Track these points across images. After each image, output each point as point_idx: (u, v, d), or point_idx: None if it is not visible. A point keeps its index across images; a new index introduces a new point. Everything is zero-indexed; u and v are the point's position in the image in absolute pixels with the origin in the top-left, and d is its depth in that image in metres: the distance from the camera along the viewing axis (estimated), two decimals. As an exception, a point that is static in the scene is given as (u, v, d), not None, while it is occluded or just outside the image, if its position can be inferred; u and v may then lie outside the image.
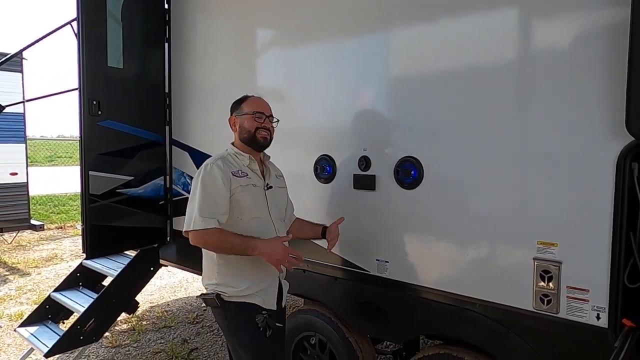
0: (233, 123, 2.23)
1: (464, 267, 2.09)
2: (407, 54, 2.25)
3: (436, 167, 2.15)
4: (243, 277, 2.08)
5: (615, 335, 1.68)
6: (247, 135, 2.17)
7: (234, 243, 1.98)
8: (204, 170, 2.07)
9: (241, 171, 2.13)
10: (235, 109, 2.24)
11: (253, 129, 2.17)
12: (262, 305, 2.10)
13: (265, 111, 2.22)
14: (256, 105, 2.21)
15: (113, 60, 3.36)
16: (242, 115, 2.19)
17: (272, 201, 2.20)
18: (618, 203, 1.69)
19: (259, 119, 2.18)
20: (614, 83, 1.66)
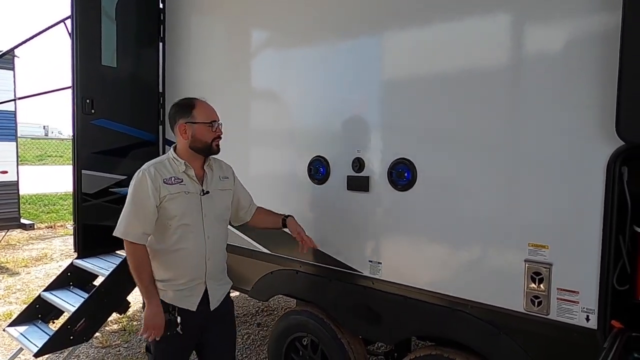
0: (183, 131, 2.15)
1: (456, 268, 2.11)
2: (400, 56, 2.26)
3: (429, 169, 2.17)
4: (165, 274, 2.15)
5: (605, 337, 1.70)
6: (202, 145, 2.16)
7: (141, 278, 2.10)
8: (136, 177, 2.11)
9: (175, 177, 2.13)
10: (182, 115, 2.16)
11: (210, 139, 2.16)
12: (177, 304, 2.14)
13: (217, 118, 2.21)
14: (210, 112, 2.19)
15: (107, 59, 3.36)
16: (196, 124, 2.14)
17: (209, 206, 2.20)
18: (608, 206, 1.71)
19: (214, 128, 2.17)
20: (604, 88, 1.68)
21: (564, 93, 1.80)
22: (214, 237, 2.22)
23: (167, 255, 2.14)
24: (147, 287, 2.11)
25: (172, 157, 2.18)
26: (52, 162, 19.35)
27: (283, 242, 2.78)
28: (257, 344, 4.00)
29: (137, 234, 2.08)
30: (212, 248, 2.21)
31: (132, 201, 2.09)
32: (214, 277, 2.25)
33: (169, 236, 2.13)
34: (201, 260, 2.18)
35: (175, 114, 2.18)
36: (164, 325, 2.10)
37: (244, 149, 3.04)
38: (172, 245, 2.13)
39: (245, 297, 5.10)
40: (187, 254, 2.14)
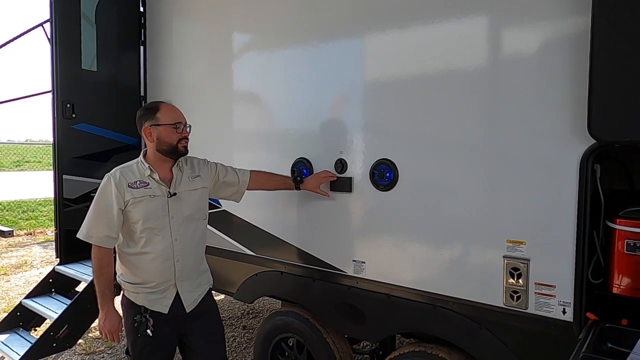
0: (149, 134, 2.16)
1: (438, 266, 2.16)
2: (381, 58, 2.31)
3: (410, 169, 2.21)
4: (134, 277, 2.18)
5: (580, 328, 1.77)
6: (168, 147, 2.17)
7: (99, 281, 2.15)
8: (102, 182, 2.15)
9: (140, 182, 2.15)
10: (147, 118, 2.17)
11: (175, 140, 2.17)
12: (148, 307, 2.17)
13: (182, 120, 2.22)
14: (174, 114, 2.20)
15: (87, 63, 3.34)
16: (160, 126, 2.15)
17: (176, 208, 2.20)
18: (582, 203, 1.77)
19: (179, 129, 2.18)
20: (576, 89, 1.75)
21: (538, 94, 1.86)
22: (184, 238, 2.22)
23: (135, 258, 2.17)
24: (103, 290, 2.15)
25: (140, 162, 2.20)
26: (31, 167, 18.98)
27: (267, 243, 2.80)
28: (243, 346, 4.00)
29: (99, 237, 2.11)
30: (182, 250, 2.21)
31: (96, 205, 2.13)
32: (186, 279, 2.25)
33: (136, 240, 2.16)
34: (169, 263, 2.18)
35: (140, 118, 2.20)
36: (118, 328, 2.17)
37: (227, 151, 3.05)
38: (139, 249, 2.15)
39: (230, 300, 5.09)
40: (154, 257, 2.15)
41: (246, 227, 2.90)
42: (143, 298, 2.17)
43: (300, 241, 2.66)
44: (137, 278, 2.17)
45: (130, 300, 2.20)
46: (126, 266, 2.19)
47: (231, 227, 3.00)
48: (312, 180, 2.46)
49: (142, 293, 2.17)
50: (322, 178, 2.44)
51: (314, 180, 2.46)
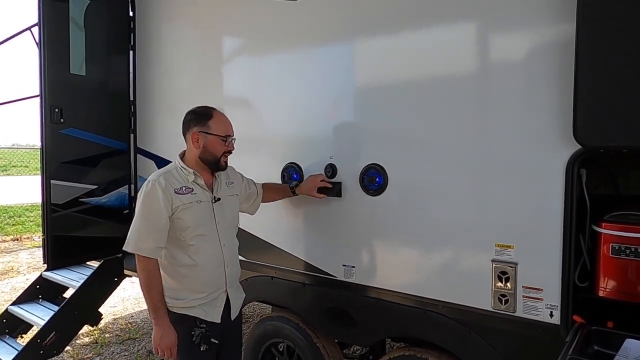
0: (196, 140, 2.11)
1: (427, 270, 2.17)
2: (370, 64, 2.32)
3: (400, 174, 2.23)
4: (185, 289, 2.08)
5: (567, 331, 1.79)
6: (212, 158, 2.13)
7: (150, 295, 2.04)
8: (146, 188, 2.04)
9: (185, 187, 2.08)
10: (198, 123, 2.12)
11: (220, 153, 2.13)
12: (204, 317, 2.10)
13: (232, 133, 2.18)
14: (226, 126, 2.16)
15: (76, 67, 3.32)
16: (210, 135, 2.11)
17: (221, 213, 2.18)
18: (568, 207, 1.80)
19: (227, 142, 2.14)
20: (562, 95, 1.77)
21: (525, 100, 1.88)
22: (229, 244, 2.21)
23: (185, 269, 2.08)
24: (156, 304, 2.04)
25: (180, 167, 2.13)
26: (18, 172, 18.75)
27: (257, 248, 2.79)
28: (233, 352, 3.98)
29: (150, 248, 2.01)
30: (229, 255, 2.20)
31: (143, 214, 2.02)
32: (233, 285, 2.24)
33: (184, 248, 2.08)
34: (220, 269, 2.15)
35: (190, 121, 2.14)
36: (175, 343, 2.04)
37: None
38: (190, 258, 2.08)
39: (220, 306, 5.06)
40: (206, 264, 2.10)
41: (236, 232, 2.90)
42: (198, 309, 2.09)
43: (290, 246, 2.65)
44: (189, 290, 2.08)
45: (179, 315, 2.08)
46: (174, 279, 2.08)
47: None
48: (307, 184, 2.44)
49: (196, 304, 2.08)
50: (319, 182, 2.41)
51: (310, 183, 2.43)
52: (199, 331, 2.05)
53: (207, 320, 2.10)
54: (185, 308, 2.08)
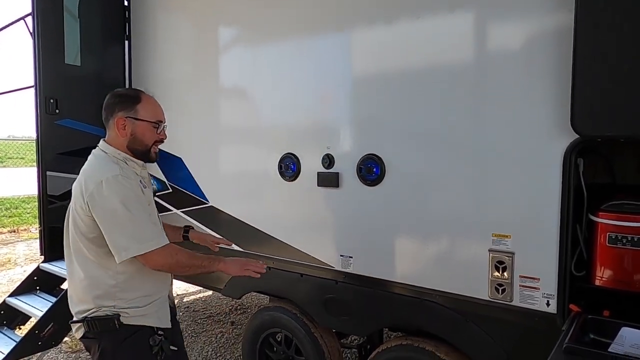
0: (122, 126, 1.83)
1: (425, 260, 2.17)
2: (368, 54, 2.31)
3: (397, 164, 2.23)
4: (141, 295, 1.86)
5: (563, 320, 1.80)
6: (141, 148, 1.87)
7: (197, 265, 1.87)
8: (115, 184, 1.73)
9: (142, 180, 1.88)
10: (124, 107, 1.84)
11: (151, 142, 1.89)
12: (159, 325, 1.89)
13: (164, 119, 1.93)
14: (156, 111, 1.91)
15: (70, 58, 3.29)
16: (138, 121, 1.85)
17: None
18: (565, 196, 1.80)
19: (158, 130, 1.91)
20: (560, 84, 1.77)
21: (523, 89, 1.87)
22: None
23: (142, 273, 1.85)
24: (208, 262, 1.87)
25: (122, 158, 1.86)
26: (14, 164, 18.66)
27: (255, 239, 2.79)
28: (232, 342, 4.00)
29: (160, 237, 1.80)
30: None
31: (129, 207, 1.74)
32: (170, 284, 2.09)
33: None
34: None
35: (113, 105, 1.85)
36: (247, 261, 1.96)
37: (214, 147, 3.03)
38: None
39: (218, 296, 5.08)
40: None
41: (233, 222, 2.90)
42: (155, 317, 1.88)
43: (288, 236, 2.65)
44: (145, 295, 1.86)
45: (135, 327, 1.83)
46: (129, 285, 1.83)
47: (218, 223, 2.99)
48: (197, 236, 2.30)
49: (153, 310, 1.88)
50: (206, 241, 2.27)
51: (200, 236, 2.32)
52: (158, 339, 1.85)
53: (162, 327, 1.90)
54: (142, 317, 1.85)
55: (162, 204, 3.32)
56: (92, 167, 1.84)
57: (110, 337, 1.82)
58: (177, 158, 3.18)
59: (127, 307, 1.83)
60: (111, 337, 1.82)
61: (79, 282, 1.84)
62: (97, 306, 1.81)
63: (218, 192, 3.01)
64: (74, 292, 1.89)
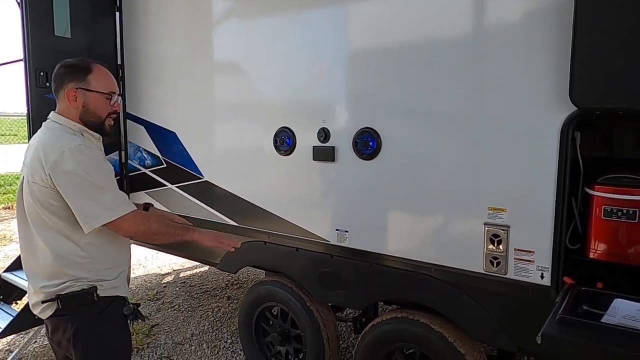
0: (73, 97, 1.78)
1: (420, 233, 2.18)
2: (364, 26, 2.26)
3: (393, 137, 2.21)
4: (111, 267, 1.85)
5: (557, 292, 1.81)
6: (95, 120, 1.82)
7: (176, 226, 1.88)
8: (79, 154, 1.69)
9: (100, 151, 1.86)
10: (75, 78, 1.79)
11: (105, 114, 1.84)
12: (126, 295, 1.91)
13: (117, 90, 1.89)
14: (109, 82, 1.86)
15: (60, 30, 3.20)
16: (90, 93, 1.79)
17: None
18: (562, 170, 1.79)
19: (112, 101, 1.85)
20: (558, 57, 1.74)
21: (521, 62, 1.85)
22: None
23: (111, 244, 1.85)
24: (178, 228, 1.90)
25: (79, 130, 1.81)
26: (6, 140, 18.50)
27: (250, 213, 2.79)
28: (228, 316, 4.04)
29: (129, 204, 1.78)
30: None
31: (95, 176, 1.71)
32: None
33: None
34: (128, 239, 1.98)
35: (63, 75, 1.80)
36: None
37: (208, 121, 3.00)
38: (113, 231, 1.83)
39: (214, 271, 5.11)
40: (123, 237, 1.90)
41: (229, 197, 2.88)
42: (123, 288, 1.90)
43: (283, 211, 2.65)
44: (114, 267, 1.87)
45: (109, 299, 1.82)
46: (103, 255, 1.82)
47: (213, 197, 2.98)
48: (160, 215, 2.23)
49: (121, 283, 1.89)
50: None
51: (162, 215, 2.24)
52: (131, 309, 1.88)
53: (127, 298, 1.92)
54: (114, 289, 1.85)
55: (156, 180, 3.30)
56: (50, 138, 1.77)
57: (85, 311, 1.78)
58: (171, 132, 3.15)
59: (100, 279, 1.81)
60: (87, 311, 1.79)
61: (45, 256, 1.78)
62: (71, 279, 1.77)
63: (213, 166, 2.98)
64: (39, 268, 1.82)
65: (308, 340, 2.70)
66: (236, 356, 3.36)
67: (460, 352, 2.12)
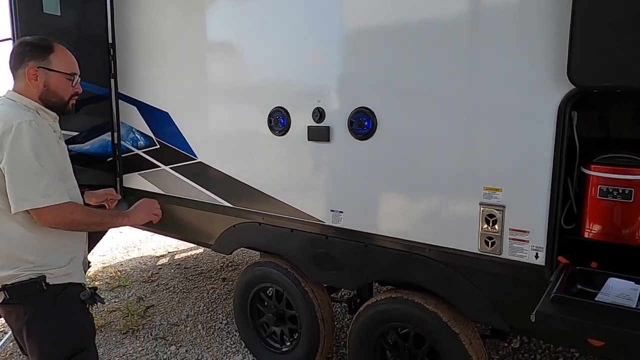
0: (33, 76, 1.74)
1: (415, 214, 2.17)
2: (359, 5, 2.22)
3: (389, 117, 2.18)
4: (64, 252, 1.80)
5: (551, 272, 1.82)
6: (57, 101, 1.80)
7: (104, 215, 1.84)
8: (26, 129, 1.64)
9: (54, 130, 1.80)
10: (36, 56, 1.75)
11: (68, 95, 1.82)
12: (83, 282, 1.86)
13: (78, 71, 1.85)
14: (71, 62, 1.83)
15: (49, 7, 3.13)
16: (52, 72, 1.77)
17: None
18: (558, 150, 1.78)
19: (74, 82, 1.83)
20: (556, 35, 1.71)
21: (518, 41, 1.82)
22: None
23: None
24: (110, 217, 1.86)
25: (34, 108, 1.76)
26: (-2, 123, 18.28)
27: (245, 195, 2.77)
28: (223, 297, 4.05)
29: (61, 195, 1.69)
30: None
31: (39, 156, 1.65)
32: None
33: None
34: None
35: (23, 54, 1.75)
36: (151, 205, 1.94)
37: (202, 101, 2.96)
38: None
39: (209, 253, 5.12)
40: None
41: (223, 178, 2.86)
42: (77, 275, 1.84)
43: (278, 192, 2.63)
44: (68, 253, 1.81)
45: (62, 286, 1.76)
46: (54, 241, 1.76)
47: (208, 179, 2.96)
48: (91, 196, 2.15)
49: (74, 270, 1.82)
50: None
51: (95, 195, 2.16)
52: (89, 293, 1.83)
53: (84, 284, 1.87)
54: (66, 276, 1.79)
55: (149, 161, 3.27)
56: (1, 112, 1.71)
57: (37, 299, 1.73)
58: (164, 113, 3.11)
59: (47, 264, 1.74)
60: (39, 299, 1.73)
61: None
62: (19, 269, 1.70)
63: (207, 147, 2.96)
64: None
65: (303, 321, 2.71)
66: (231, 337, 3.38)
67: (455, 331, 2.13)
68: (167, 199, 3.19)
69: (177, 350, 3.24)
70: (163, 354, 3.21)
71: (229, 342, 3.32)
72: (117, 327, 3.58)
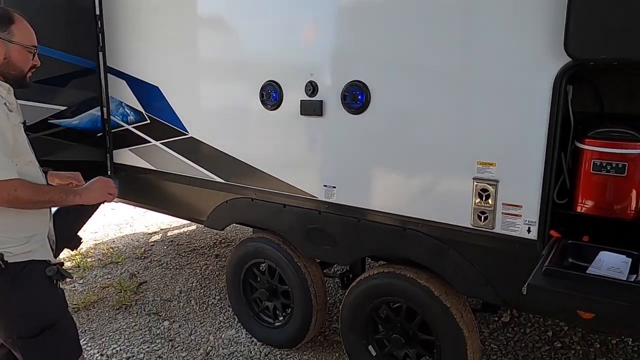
0: None
1: (409, 189, 2.16)
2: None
3: (382, 91, 2.15)
4: (25, 228, 1.73)
5: (543, 246, 1.82)
6: (17, 73, 1.73)
7: (53, 192, 1.75)
8: None
9: (7, 103, 1.69)
10: None
11: (27, 68, 1.76)
12: (48, 258, 1.80)
13: (36, 44, 1.80)
14: (32, 35, 1.77)
15: (34, -23, 3.03)
16: (13, 45, 1.69)
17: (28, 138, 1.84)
18: (552, 124, 1.76)
19: (33, 55, 1.77)
20: (552, 7, 1.68)
21: (513, 13, 1.79)
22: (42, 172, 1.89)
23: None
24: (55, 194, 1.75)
25: None
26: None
27: (237, 170, 2.75)
28: (216, 274, 4.06)
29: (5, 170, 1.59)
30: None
31: None
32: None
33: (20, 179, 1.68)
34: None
35: None
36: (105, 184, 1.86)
37: (193, 75, 2.90)
38: None
39: (202, 230, 5.11)
40: None
41: (215, 154, 2.83)
42: (40, 251, 1.77)
43: (270, 167, 2.61)
44: (26, 231, 1.73)
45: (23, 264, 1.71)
46: (9, 219, 1.68)
47: (200, 154, 2.92)
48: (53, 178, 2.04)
49: (36, 247, 1.75)
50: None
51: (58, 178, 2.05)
52: (55, 269, 1.77)
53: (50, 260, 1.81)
54: (27, 253, 1.72)
55: (140, 136, 3.22)
56: None
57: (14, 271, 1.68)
58: (154, 87, 3.05)
59: (7, 245, 1.68)
60: (14, 272, 1.68)
61: None
62: None
63: (198, 122, 2.91)
64: None
65: (296, 296, 2.72)
66: (224, 312, 3.40)
67: (446, 305, 2.14)
68: (158, 175, 3.16)
69: (171, 326, 3.26)
70: (156, 329, 3.22)
71: (222, 318, 3.34)
72: (110, 303, 3.58)
